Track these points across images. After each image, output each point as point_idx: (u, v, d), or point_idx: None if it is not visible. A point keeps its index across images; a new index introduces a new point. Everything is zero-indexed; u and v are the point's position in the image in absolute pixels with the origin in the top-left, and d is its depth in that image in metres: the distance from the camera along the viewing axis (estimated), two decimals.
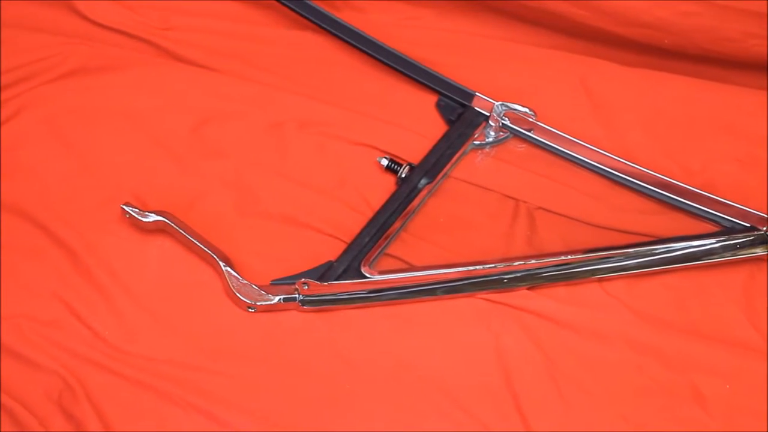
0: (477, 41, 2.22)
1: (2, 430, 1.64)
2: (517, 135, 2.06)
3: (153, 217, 1.82)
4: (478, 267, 1.82)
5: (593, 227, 1.95)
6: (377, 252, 1.85)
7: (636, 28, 2.12)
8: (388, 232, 1.86)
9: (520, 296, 1.83)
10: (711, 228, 1.94)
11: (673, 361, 1.78)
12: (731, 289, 1.88)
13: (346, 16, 2.16)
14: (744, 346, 1.80)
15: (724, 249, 1.89)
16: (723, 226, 1.94)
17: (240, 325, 1.78)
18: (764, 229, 1.89)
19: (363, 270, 1.81)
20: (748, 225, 1.92)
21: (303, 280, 1.77)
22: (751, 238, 1.90)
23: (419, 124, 2.06)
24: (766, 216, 1.90)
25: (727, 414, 1.72)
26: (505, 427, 1.69)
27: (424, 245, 1.90)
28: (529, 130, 2.04)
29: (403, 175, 1.94)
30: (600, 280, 1.86)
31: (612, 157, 1.98)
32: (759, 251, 1.88)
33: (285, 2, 2.12)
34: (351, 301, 1.80)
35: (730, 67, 2.17)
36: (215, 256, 1.79)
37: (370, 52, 2.11)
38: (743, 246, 1.89)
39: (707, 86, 2.17)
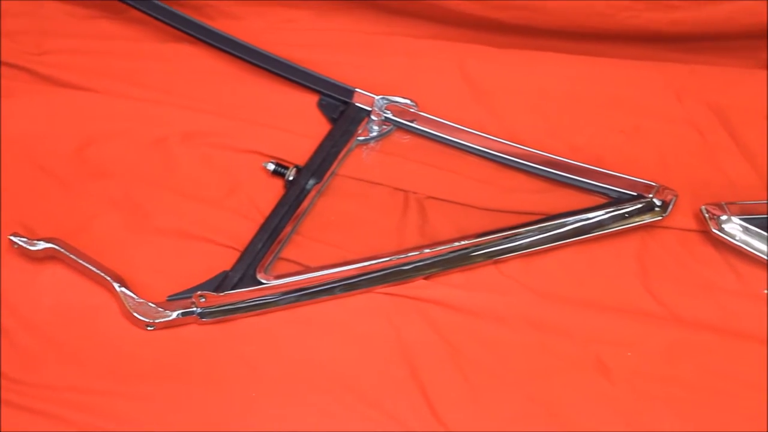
0: (354, 38, 2.23)
1: None
2: (400, 127, 2.07)
3: (42, 245, 1.80)
4: (373, 262, 1.82)
5: (484, 211, 1.96)
6: (271, 257, 1.84)
7: (510, 11, 2.14)
8: (280, 236, 1.86)
9: (418, 286, 1.84)
10: (600, 200, 1.96)
11: (574, 335, 1.80)
12: (624, 258, 1.91)
13: (220, 24, 2.15)
14: (641, 313, 1.83)
15: (614, 219, 1.91)
16: (611, 197, 1.96)
17: (141, 345, 1.77)
18: (650, 196, 1.92)
19: (259, 276, 1.81)
20: (636, 194, 1.94)
21: (199, 292, 1.76)
22: (639, 206, 1.92)
23: (303, 126, 2.06)
24: (652, 184, 1.92)
25: (630, 381, 1.74)
26: (415, 417, 1.69)
27: (318, 245, 1.90)
28: (412, 121, 2.05)
29: (291, 178, 1.94)
30: (495, 262, 1.88)
31: (496, 140, 2.00)
32: (648, 218, 1.91)
33: (158, 16, 2.11)
34: (250, 308, 1.80)
35: (607, 40, 2.19)
36: (108, 278, 1.77)
37: (246, 58, 2.10)
38: (632, 215, 1.92)
39: (585, 61, 2.19)
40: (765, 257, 1.87)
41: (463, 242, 1.86)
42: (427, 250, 1.85)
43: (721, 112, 2.12)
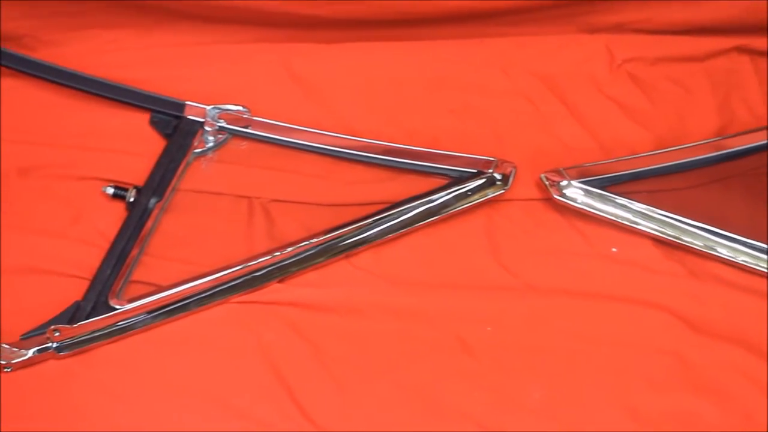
0: (179, 51, 2.20)
1: None
2: (236, 134, 2.06)
3: None
4: (224, 272, 1.82)
5: (329, 207, 1.96)
6: (122, 281, 1.82)
7: (329, 6, 2.13)
8: (128, 259, 1.84)
9: (273, 291, 1.84)
10: (442, 182, 1.98)
11: (433, 318, 1.82)
12: (473, 236, 1.93)
13: (42, 54, 2.12)
14: (496, 287, 1.86)
15: (458, 198, 1.94)
16: (453, 177, 1.98)
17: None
18: (490, 171, 1.94)
19: (111, 303, 1.78)
20: (476, 171, 1.97)
21: (53, 327, 1.73)
22: (481, 182, 1.95)
23: (138, 145, 2.04)
24: (490, 159, 1.95)
25: (493, 355, 1.78)
26: (285, 421, 1.70)
27: (168, 263, 1.88)
28: (247, 127, 2.05)
29: (132, 199, 1.91)
30: (347, 256, 1.89)
31: (332, 135, 2.01)
32: (491, 193, 1.94)
33: None
34: (107, 336, 1.78)
35: (428, 23, 2.20)
36: None
37: (72, 84, 2.07)
38: (475, 191, 1.94)
39: (409, 47, 2.21)
40: (608, 216, 1.91)
41: (312, 241, 1.86)
42: (278, 253, 1.85)
43: (549, 80, 2.17)
